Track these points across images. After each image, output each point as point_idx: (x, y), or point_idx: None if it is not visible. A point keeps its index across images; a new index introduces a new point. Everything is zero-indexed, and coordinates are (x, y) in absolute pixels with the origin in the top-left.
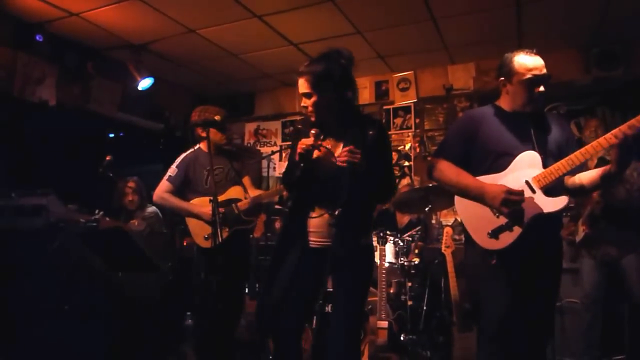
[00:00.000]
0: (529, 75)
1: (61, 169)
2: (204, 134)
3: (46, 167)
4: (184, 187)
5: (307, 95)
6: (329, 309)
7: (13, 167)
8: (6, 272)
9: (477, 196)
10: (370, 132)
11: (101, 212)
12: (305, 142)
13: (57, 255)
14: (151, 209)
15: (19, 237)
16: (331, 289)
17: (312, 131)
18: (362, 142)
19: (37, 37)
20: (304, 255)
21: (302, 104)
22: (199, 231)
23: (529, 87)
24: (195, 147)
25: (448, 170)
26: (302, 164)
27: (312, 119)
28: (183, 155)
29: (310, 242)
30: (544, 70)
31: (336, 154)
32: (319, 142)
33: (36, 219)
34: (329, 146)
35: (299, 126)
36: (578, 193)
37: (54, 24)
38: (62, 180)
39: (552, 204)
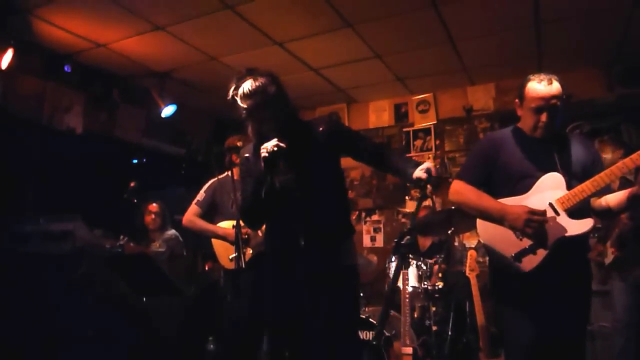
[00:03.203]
0: (533, 104)
1: (87, 195)
2: (237, 161)
3: (73, 193)
4: (212, 211)
5: (269, 104)
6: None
7: (41, 193)
8: (33, 296)
9: (498, 218)
10: (320, 129)
11: (126, 238)
12: (267, 146)
13: (82, 280)
14: (171, 231)
15: (47, 261)
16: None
17: (272, 141)
18: (316, 146)
19: (66, 68)
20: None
21: (268, 112)
22: (224, 253)
23: (533, 115)
24: (224, 174)
25: (468, 193)
26: (268, 173)
27: (272, 129)
28: (211, 180)
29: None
30: (553, 101)
31: (291, 176)
32: (283, 145)
33: (63, 244)
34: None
35: (247, 155)
36: (605, 215)
37: (82, 54)
38: (88, 206)
39: (577, 227)
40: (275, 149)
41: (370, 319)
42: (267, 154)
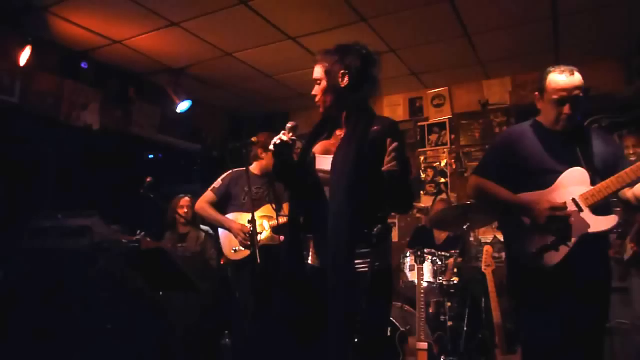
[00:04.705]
0: (556, 96)
1: (104, 190)
2: (263, 155)
3: (90, 189)
4: (226, 201)
5: (318, 82)
6: None
7: (59, 189)
8: (52, 291)
9: (519, 213)
10: (375, 127)
11: (142, 233)
12: (279, 137)
13: (100, 275)
14: (202, 234)
15: (65, 257)
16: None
17: (288, 125)
18: (362, 137)
19: (83, 65)
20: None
21: (312, 93)
22: (228, 244)
23: (556, 107)
24: (244, 168)
25: (487, 188)
26: (276, 163)
27: (320, 109)
28: (231, 171)
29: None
30: (576, 92)
31: (328, 159)
32: (294, 138)
33: (81, 240)
34: (333, 145)
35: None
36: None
37: (98, 51)
38: (105, 201)
39: (600, 223)
40: (278, 142)
41: None
42: (272, 147)
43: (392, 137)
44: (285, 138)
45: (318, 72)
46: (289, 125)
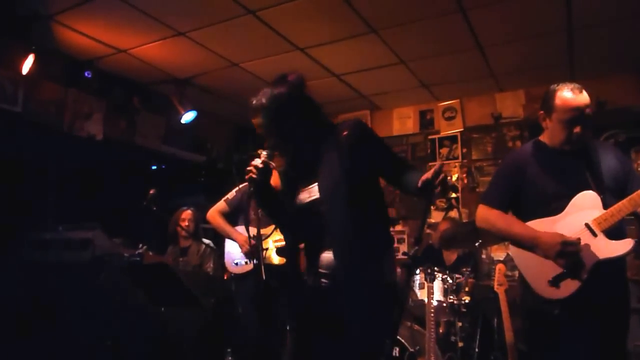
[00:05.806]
0: (566, 116)
1: (107, 202)
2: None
3: (92, 200)
4: (237, 212)
5: (262, 130)
6: None
7: (61, 199)
8: (53, 305)
9: (530, 246)
10: (344, 133)
11: (145, 247)
12: (252, 164)
13: (101, 289)
14: (203, 246)
15: (65, 270)
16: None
17: (263, 152)
18: (337, 152)
19: (86, 74)
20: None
21: (265, 144)
22: (231, 256)
23: (567, 127)
24: None
25: (496, 219)
26: (256, 192)
27: (278, 152)
28: (246, 184)
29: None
30: (587, 110)
31: (313, 187)
32: (269, 163)
33: (83, 253)
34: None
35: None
36: None
37: (102, 60)
38: (108, 213)
39: (615, 248)
40: (252, 176)
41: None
42: (251, 174)
43: (363, 134)
44: (254, 175)
45: (256, 120)
46: (265, 152)
